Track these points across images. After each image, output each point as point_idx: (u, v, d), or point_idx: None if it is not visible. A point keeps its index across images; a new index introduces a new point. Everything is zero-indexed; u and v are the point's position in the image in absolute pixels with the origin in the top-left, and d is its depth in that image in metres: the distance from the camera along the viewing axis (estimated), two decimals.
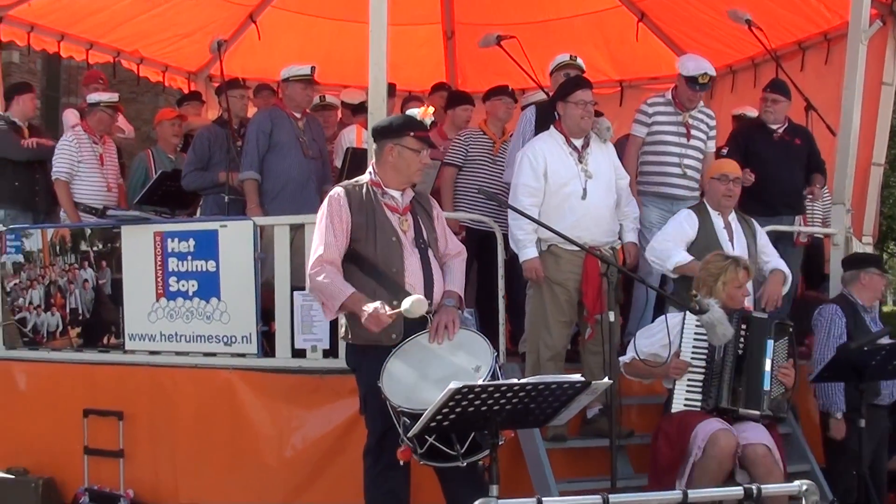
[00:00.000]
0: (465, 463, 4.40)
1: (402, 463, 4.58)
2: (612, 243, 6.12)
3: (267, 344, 6.43)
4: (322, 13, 10.14)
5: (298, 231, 6.35)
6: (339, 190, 4.97)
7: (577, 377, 3.87)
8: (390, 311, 4.62)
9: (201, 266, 6.51)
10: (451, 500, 4.87)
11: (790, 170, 7.35)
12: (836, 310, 6.35)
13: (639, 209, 6.47)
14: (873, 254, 7.24)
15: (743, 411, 5.37)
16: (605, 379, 4.10)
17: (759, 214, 6.65)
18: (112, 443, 6.58)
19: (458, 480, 4.71)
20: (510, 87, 7.80)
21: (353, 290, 4.74)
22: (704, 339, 5.44)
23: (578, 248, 5.67)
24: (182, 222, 7.20)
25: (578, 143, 6.09)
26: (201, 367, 6.47)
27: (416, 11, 9.97)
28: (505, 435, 4.14)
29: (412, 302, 4.57)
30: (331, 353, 6.16)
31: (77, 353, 6.96)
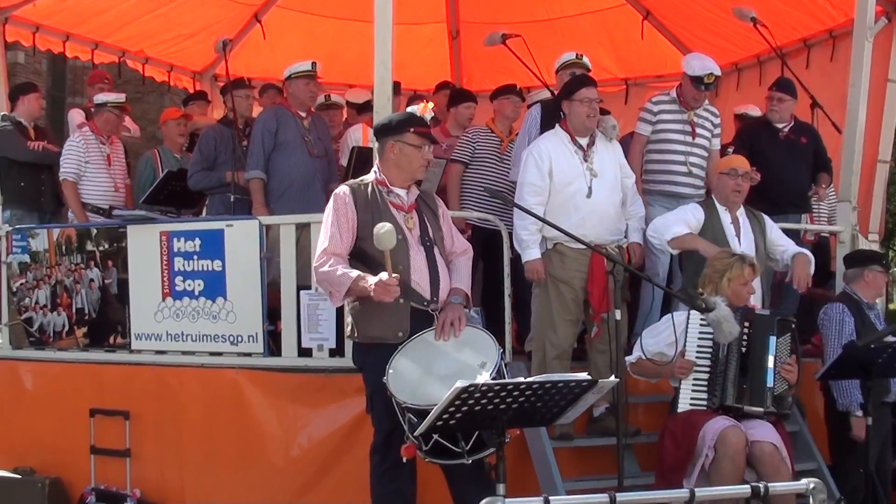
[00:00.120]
0: (470, 460, 4.40)
1: (405, 460, 4.59)
2: (618, 242, 6.09)
3: (273, 343, 6.43)
4: (327, 12, 10.14)
5: (304, 230, 6.35)
6: (344, 188, 4.99)
7: (584, 376, 3.86)
8: (388, 276, 4.62)
9: (207, 265, 6.51)
10: (458, 498, 4.87)
11: (796, 169, 7.33)
12: (842, 309, 6.33)
13: (645, 208, 6.46)
14: (876, 251, 7.22)
15: (747, 408, 5.35)
16: (612, 377, 4.09)
17: (765, 213, 6.63)
18: (118, 442, 6.58)
19: (464, 479, 4.71)
20: (518, 86, 7.79)
21: (357, 274, 4.75)
22: (709, 338, 5.43)
23: (584, 246, 5.67)
24: (188, 222, 7.20)
25: (584, 141, 6.07)
26: (207, 366, 6.48)
27: (421, 10, 9.99)
28: (510, 432, 4.13)
29: (381, 238, 4.57)
30: (337, 352, 6.16)
31: (83, 353, 6.97)
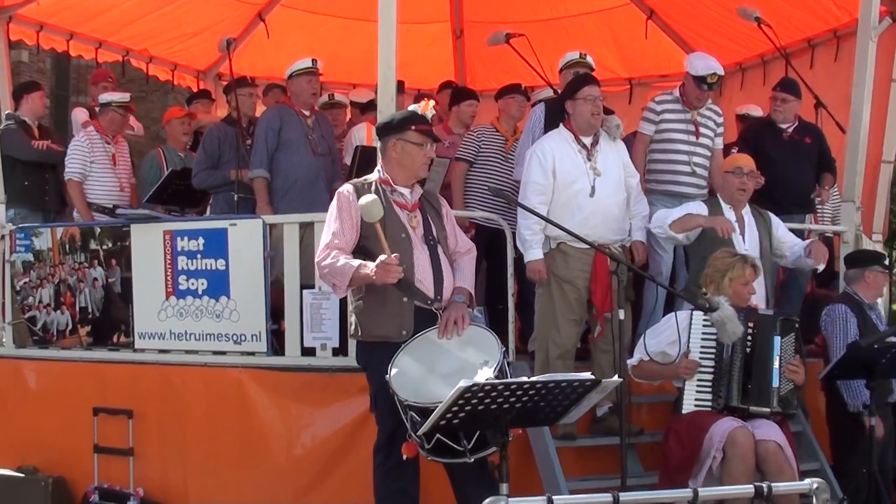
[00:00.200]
0: (472, 458, 4.40)
1: (405, 458, 4.59)
2: (622, 241, 6.09)
3: (276, 342, 6.42)
4: (331, 11, 10.13)
5: (308, 229, 6.34)
6: (348, 187, 5.00)
7: (587, 375, 3.86)
8: (387, 257, 4.64)
9: (211, 264, 6.51)
10: (461, 497, 4.87)
11: (800, 169, 7.32)
12: (845, 310, 6.32)
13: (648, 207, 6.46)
14: (877, 251, 7.21)
15: (753, 409, 5.34)
16: (615, 377, 4.09)
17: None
18: (122, 441, 6.58)
19: (467, 478, 4.71)
20: (523, 86, 7.79)
21: (359, 262, 4.76)
22: (712, 339, 5.42)
23: (588, 245, 5.66)
24: (191, 220, 7.19)
25: (587, 140, 6.06)
26: (211, 365, 6.47)
27: (425, 10, 9.97)
28: (512, 431, 4.13)
29: (366, 209, 4.67)
30: (340, 351, 6.16)
31: (87, 352, 6.97)
